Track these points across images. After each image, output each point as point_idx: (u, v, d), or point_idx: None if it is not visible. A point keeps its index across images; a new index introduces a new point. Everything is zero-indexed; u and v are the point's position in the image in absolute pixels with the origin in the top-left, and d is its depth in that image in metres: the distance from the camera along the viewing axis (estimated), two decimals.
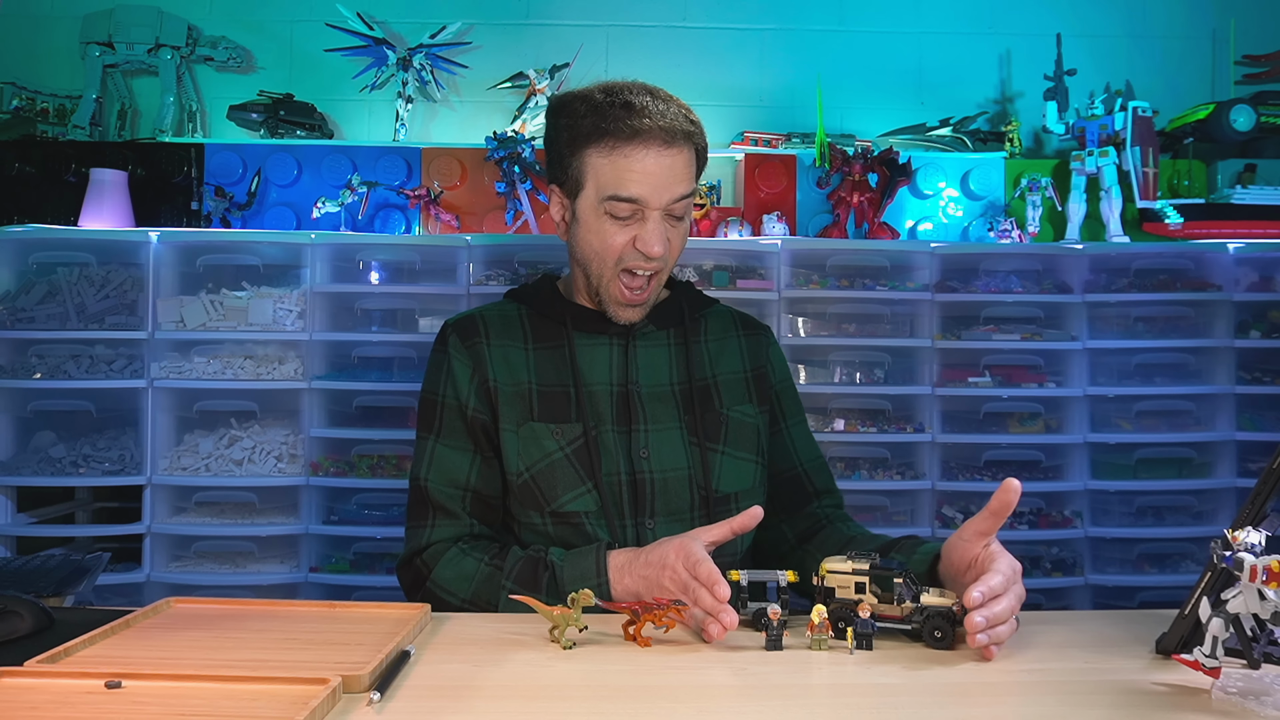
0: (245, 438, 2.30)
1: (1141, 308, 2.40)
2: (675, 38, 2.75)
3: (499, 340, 1.27)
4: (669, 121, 1.17)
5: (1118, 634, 0.97)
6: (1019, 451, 2.38)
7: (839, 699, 0.79)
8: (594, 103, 1.20)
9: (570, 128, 1.21)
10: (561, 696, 0.79)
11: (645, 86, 1.22)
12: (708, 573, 0.95)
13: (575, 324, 1.28)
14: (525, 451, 1.21)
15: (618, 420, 1.24)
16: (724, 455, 1.25)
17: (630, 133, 1.16)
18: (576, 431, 1.22)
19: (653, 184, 1.17)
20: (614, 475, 1.21)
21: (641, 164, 1.17)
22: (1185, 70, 2.79)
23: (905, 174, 2.53)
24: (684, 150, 1.19)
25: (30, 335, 2.23)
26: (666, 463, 1.23)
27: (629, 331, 1.28)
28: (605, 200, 1.18)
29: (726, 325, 1.37)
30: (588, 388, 1.24)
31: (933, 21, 2.78)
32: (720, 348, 1.34)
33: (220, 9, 2.69)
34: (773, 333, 1.42)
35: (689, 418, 1.25)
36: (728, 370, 1.32)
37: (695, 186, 1.24)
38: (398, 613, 1.00)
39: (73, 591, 1.13)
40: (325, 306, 2.32)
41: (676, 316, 1.32)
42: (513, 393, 1.24)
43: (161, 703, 0.73)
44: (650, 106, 1.18)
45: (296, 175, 2.54)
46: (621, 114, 1.17)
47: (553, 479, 1.20)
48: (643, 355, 1.28)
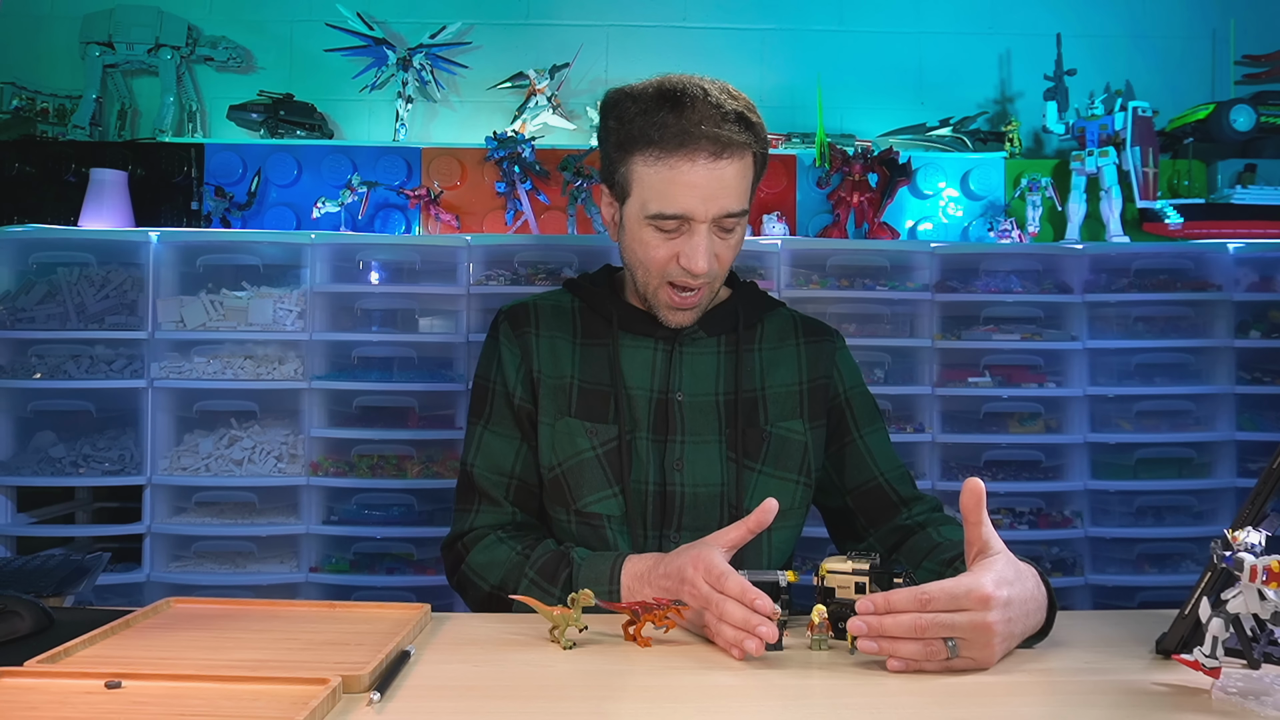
0: (245, 438, 2.29)
1: (1141, 308, 2.40)
2: (675, 38, 2.74)
3: (548, 331, 1.26)
4: (721, 129, 1.09)
5: (1118, 634, 0.97)
6: (1019, 451, 2.38)
7: (839, 699, 0.79)
8: (644, 104, 1.12)
9: (618, 130, 1.15)
10: (561, 696, 0.79)
11: (702, 85, 1.12)
12: (738, 587, 0.89)
13: (622, 323, 1.24)
14: (559, 446, 1.21)
15: (655, 428, 1.21)
16: (760, 474, 1.21)
17: (677, 142, 1.09)
18: (611, 433, 1.20)
19: (699, 197, 1.11)
20: (642, 484, 1.19)
21: (687, 176, 1.10)
22: (1185, 70, 2.79)
23: (905, 174, 2.53)
24: (736, 160, 1.11)
25: (30, 335, 2.23)
26: (699, 478, 1.20)
27: (676, 336, 1.23)
28: (649, 214, 1.13)
29: (786, 332, 1.30)
30: (628, 391, 1.21)
31: (933, 21, 2.78)
32: (775, 357, 1.27)
33: (220, 9, 2.69)
34: (843, 338, 1.34)
35: (730, 432, 1.21)
36: (780, 382, 1.26)
37: (748, 199, 1.16)
38: (398, 613, 1.00)
39: (73, 591, 1.13)
40: (325, 306, 2.31)
41: (730, 322, 1.26)
42: (554, 385, 1.22)
43: (161, 703, 0.73)
44: (703, 110, 1.10)
45: (296, 175, 2.54)
46: (669, 119, 1.10)
47: (581, 478, 1.19)
48: (689, 363, 1.23)
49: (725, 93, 1.14)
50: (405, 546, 2.31)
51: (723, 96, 1.13)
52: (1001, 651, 0.86)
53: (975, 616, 0.82)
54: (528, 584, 1.10)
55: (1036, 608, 0.90)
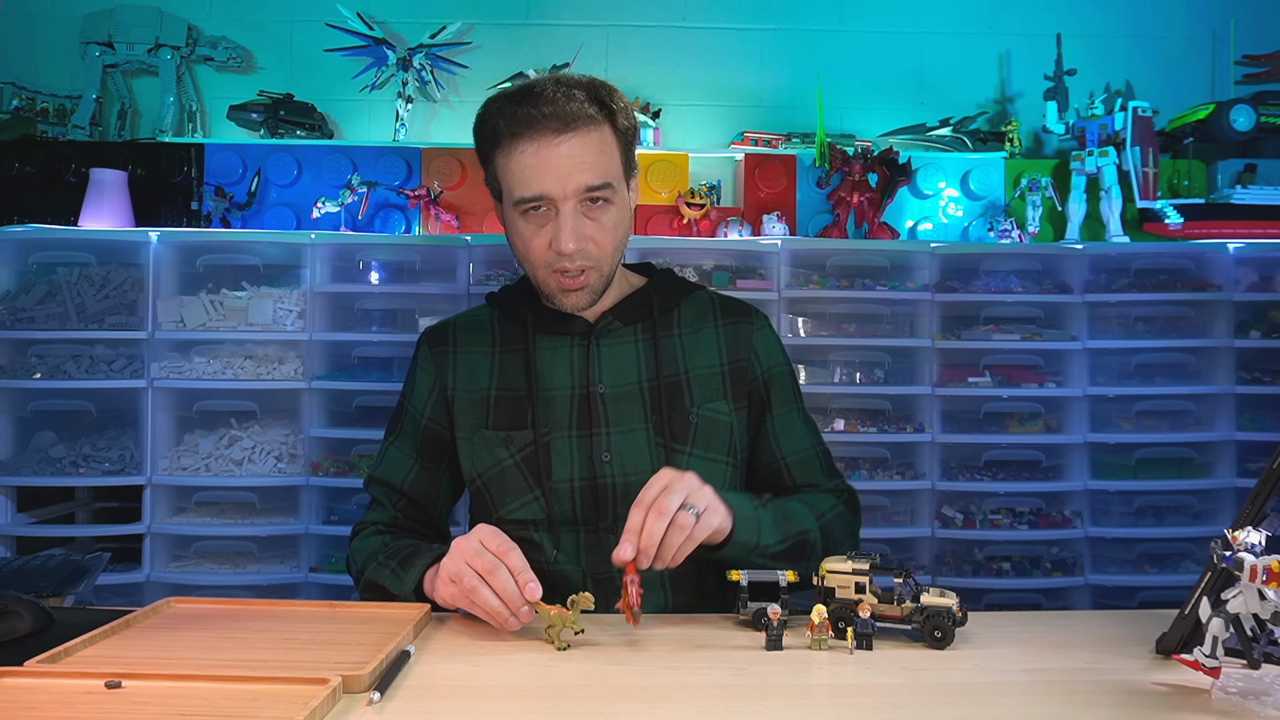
0: (245, 438, 2.29)
1: (1141, 308, 2.40)
2: (675, 38, 2.74)
3: (466, 347, 1.27)
4: (563, 106, 1.11)
5: (1118, 634, 0.97)
6: (1019, 451, 2.38)
7: (839, 699, 0.79)
8: (500, 103, 1.15)
9: (481, 132, 1.18)
10: (561, 696, 0.79)
11: (556, 77, 1.15)
12: (519, 562, 0.96)
13: (537, 325, 1.24)
14: (477, 458, 1.23)
15: (578, 424, 1.20)
16: (691, 457, 1.20)
17: (524, 125, 1.11)
18: (528, 438, 1.20)
19: (553, 175, 1.11)
20: (566, 482, 1.19)
21: (537, 157, 1.11)
22: (1185, 70, 2.79)
23: (905, 174, 2.53)
24: (585, 134, 1.12)
25: (30, 335, 2.23)
26: (630, 466, 1.19)
27: (591, 330, 1.23)
28: (514, 202, 1.14)
29: (704, 314, 1.29)
30: (545, 392, 1.21)
31: (933, 21, 2.78)
32: (695, 340, 1.26)
33: (220, 9, 2.69)
34: (764, 317, 1.32)
35: (656, 418, 1.20)
36: (702, 365, 1.24)
37: (616, 174, 1.16)
38: (398, 613, 1.00)
39: (73, 591, 1.13)
40: (325, 306, 2.31)
41: (646, 309, 1.25)
42: (470, 400, 1.24)
43: (161, 703, 0.73)
44: (547, 93, 1.12)
45: (296, 175, 2.54)
46: (518, 110, 1.12)
47: (503, 486, 1.21)
48: (607, 354, 1.23)
49: (579, 80, 1.16)
50: None
51: (577, 81, 1.15)
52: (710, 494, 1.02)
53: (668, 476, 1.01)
54: (377, 565, 1.14)
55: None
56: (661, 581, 1.19)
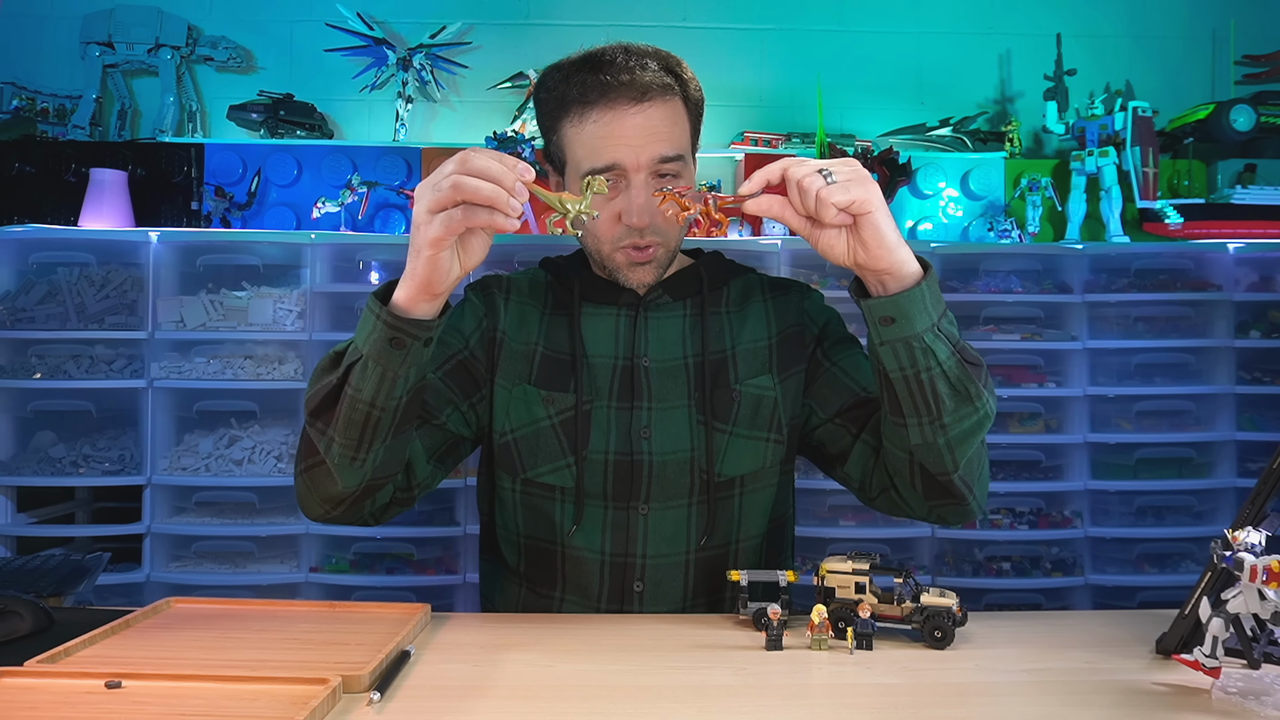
0: (245, 438, 2.29)
1: (1141, 308, 2.40)
2: (675, 38, 2.74)
3: (519, 298, 1.24)
4: (639, 75, 1.08)
5: (1118, 634, 0.97)
6: (1019, 451, 2.38)
7: (839, 699, 0.79)
8: (566, 71, 1.12)
9: (546, 101, 1.15)
10: (561, 696, 0.79)
11: (625, 46, 1.12)
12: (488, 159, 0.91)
13: (585, 292, 1.20)
14: (514, 412, 1.17)
15: (619, 396, 1.16)
16: (732, 436, 1.16)
17: (598, 94, 1.08)
18: (569, 402, 1.16)
19: (627, 144, 1.08)
20: (600, 454, 1.15)
21: (611, 126, 1.08)
22: (1185, 70, 2.79)
23: (905, 174, 2.53)
24: (661, 104, 1.10)
25: (30, 335, 2.23)
26: (668, 444, 1.15)
27: (640, 302, 1.19)
28: (582, 176, 1.06)
29: (751, 291, 1.26)
30: (590, 359, 1.17)
31: (933, 21, 2.78)
32: (742, 317, 1.22)
33: (220, 9, 2.69)
34: (811, 288, 1.28)
35: (699, 395, 1.16)
36: (748, 340, 1.21)
37: (686, 147, 1.14)
38: (398, 613, 1.00)
39: (73, 591, 1.13)
40: (325, 306, 2.31)
41: (695, 286, 1.22)
42: (519, 350, 1.20)
43: (161, 703, 0.73)
44: (620, 61, 1.09)
45: (296, 175, 2.54)
46: (589, 78, 1.09)
47: (535, 446, 1.16)
48: (654, 328, 1.19)
49: (648, 50, 1.13)
50: (405, 546, 2.31)
51: (646, 50, 1.12)
52: (876, 195, 0.92)
53: (836, 160, 0.93)
54: (319, 371, 1.05)
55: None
56: (684, 576, 1.15)
